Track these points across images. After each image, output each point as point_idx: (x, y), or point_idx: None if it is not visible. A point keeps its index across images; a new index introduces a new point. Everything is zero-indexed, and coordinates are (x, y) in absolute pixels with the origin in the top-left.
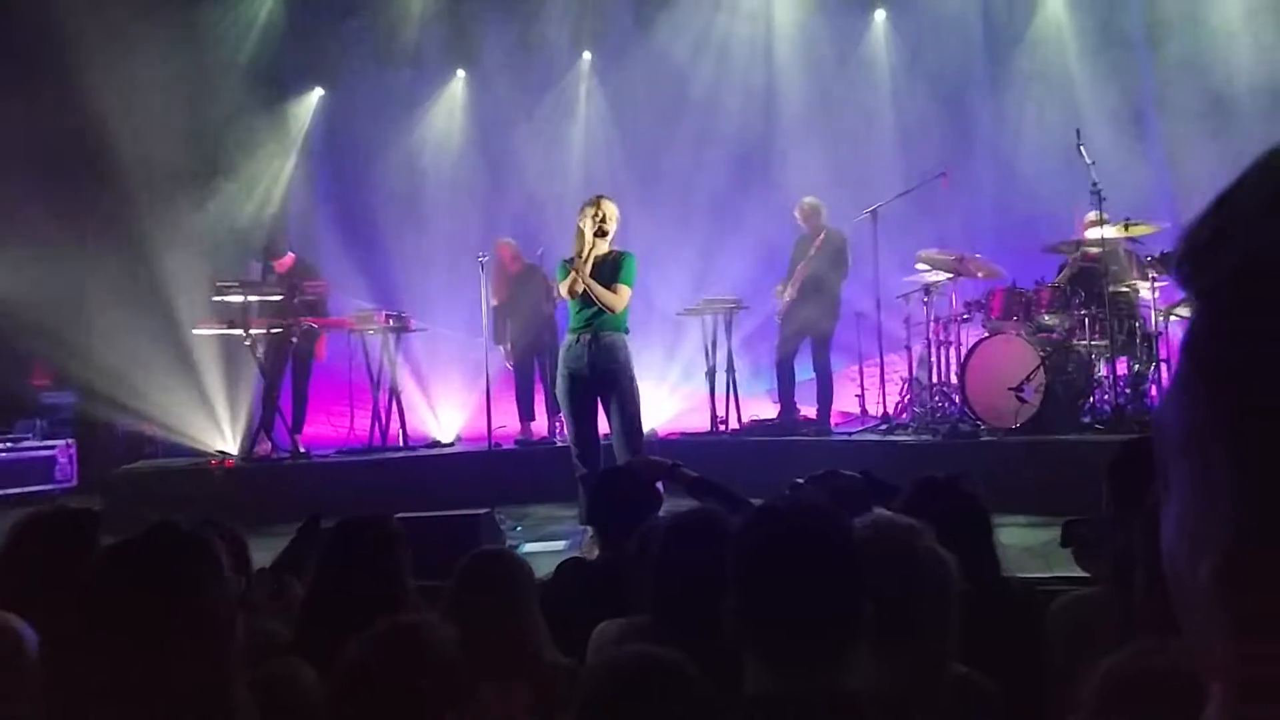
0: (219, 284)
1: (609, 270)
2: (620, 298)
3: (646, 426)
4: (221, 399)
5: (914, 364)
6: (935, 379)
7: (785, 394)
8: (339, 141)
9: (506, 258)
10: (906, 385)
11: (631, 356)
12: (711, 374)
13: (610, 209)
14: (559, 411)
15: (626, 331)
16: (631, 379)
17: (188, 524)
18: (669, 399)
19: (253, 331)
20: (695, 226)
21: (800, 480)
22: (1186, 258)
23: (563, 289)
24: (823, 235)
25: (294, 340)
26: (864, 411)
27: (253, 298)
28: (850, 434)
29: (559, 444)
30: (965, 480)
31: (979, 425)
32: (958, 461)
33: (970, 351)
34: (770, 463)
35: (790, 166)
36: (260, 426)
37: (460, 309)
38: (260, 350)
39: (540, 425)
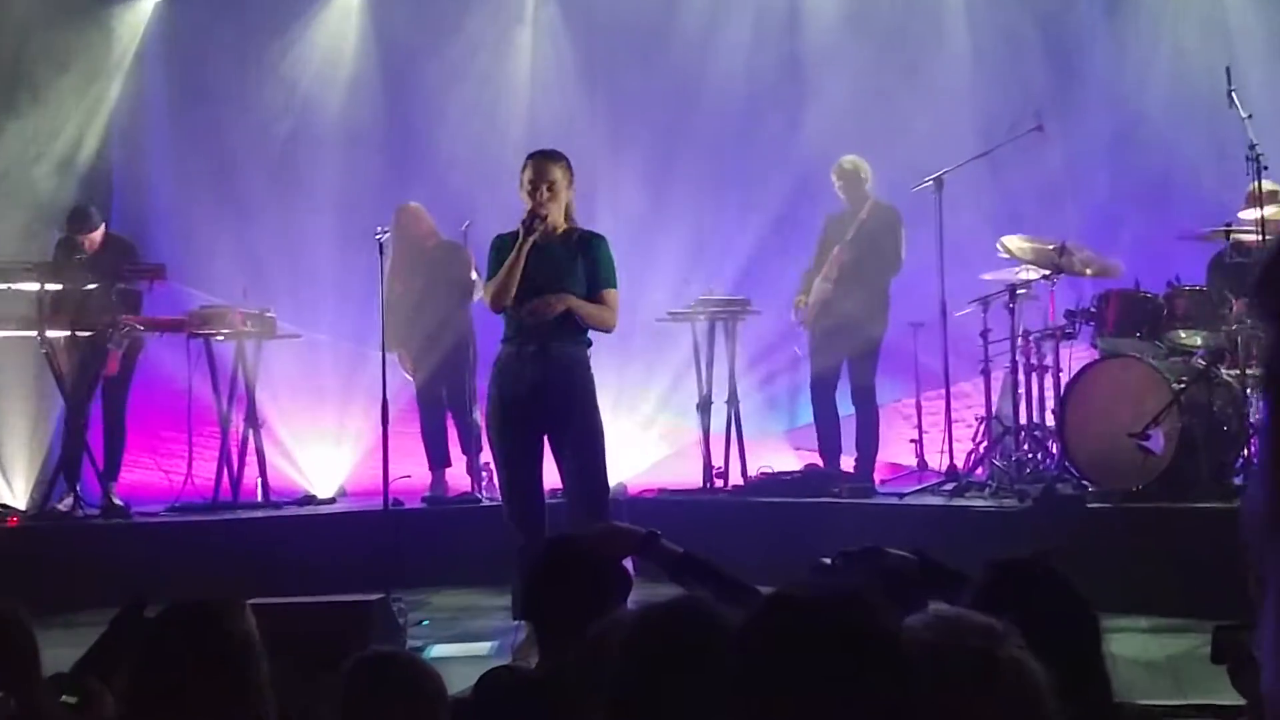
0: (2, 266)
1: (572, 260)
2: (611, 311)
3: (613, 479)
4: (3, 430)
5: (993, 397)
6: (1024, 419)
7: (827, 436)
8: (183, 68)
9: (417, 230)
10: (983, 427)
11: (594, 378)
12: (706, 406)
13: (551, 170)
14: (483, 453)
15: (588, 343)
16: (593, 410)
17: None
18: (644, 440)
19: (51, 335)
20: (685, 198)
21: (828, 560)
22: (1261, 285)
23: (485, 293)
24: (867, 209)
25: (110, 348)
26: (922, 463)
27: (52, 286)
28: (902, 495)
29: (486, 502)
30: (1062, 563)
31: (1085, 485)
32: (1053, 537)
33: (1074, 381)
34: (788, 535)
35: (819, 114)
36: (60, 470)
37: (348, 306)
38: (62, 362)
39: (459, 474)
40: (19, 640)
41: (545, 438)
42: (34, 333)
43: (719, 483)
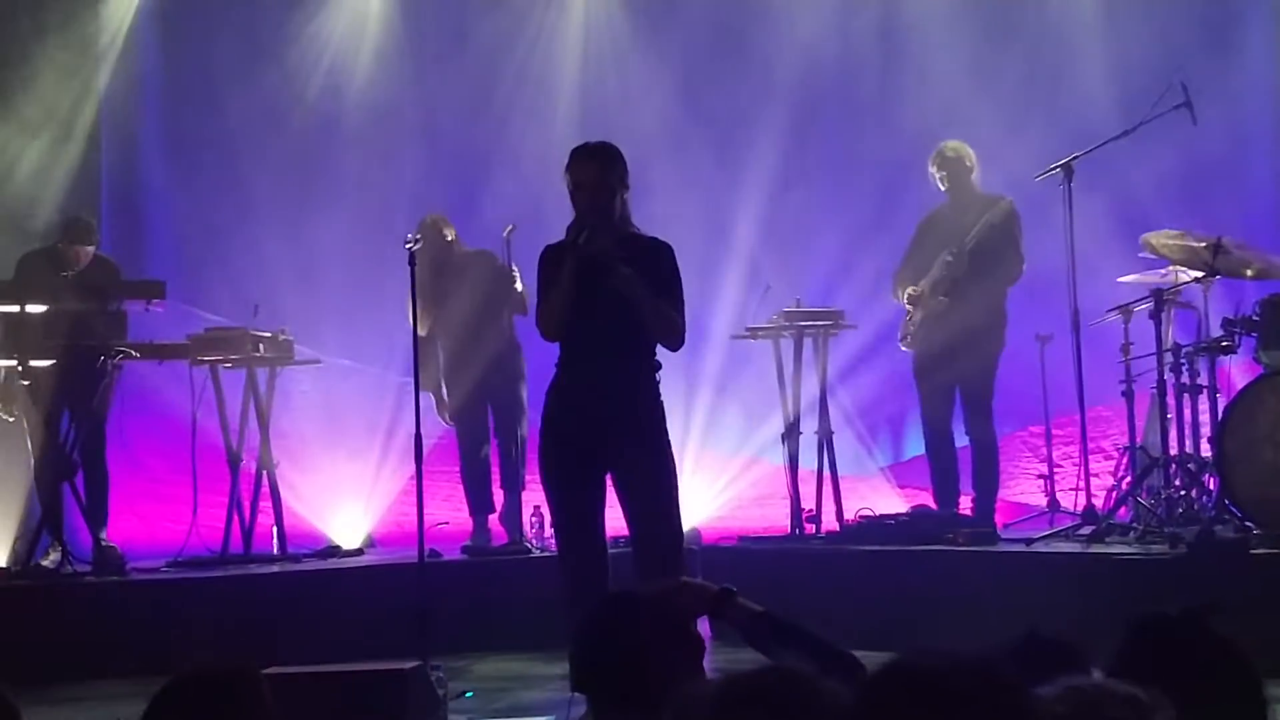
0: None
1: (641, 267)
2: (677, 322)
3: (685, 525)
4: None
5: (1138, 423)
6: (1174, 449)
7: (940, 472)
8: (181, 52)
9: (438, 244)
10: (1125, 459)
11: (663, 406)
12: (793, 437)
13: (588, 169)
14: (518, 492)
15: (657, 366)
16: (662, 443)
17: None
18: (720, 478)
19: (33, 364)
20: (765, 193)
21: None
22: None
23: (537, 319)
24: (977, 204)
25: (103, 378)
26: (1053, 503)
27: (34, 308)
28: (1030, 541)
29: (536, 553)
30: (1221, 621)
31: (1248, 527)
32: (1209, 592)
33: (1234, 403)
34: (893, 590)
35: (921, 94)
36: (44, 520)
37: (376, 327)
38: (44, 394)
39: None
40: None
41: (607, 476)
42: (11, 361)
43: (810, 528)
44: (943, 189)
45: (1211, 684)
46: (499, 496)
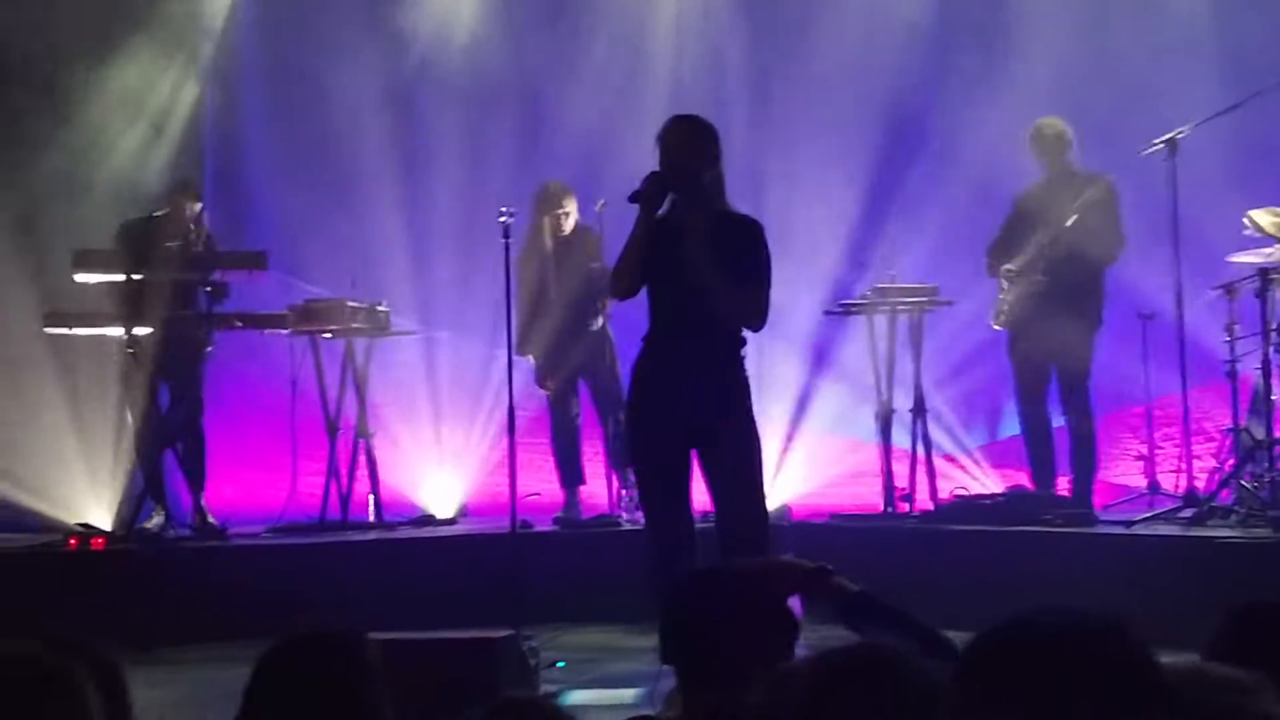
0: (83, 252)
1: (728, 245)
2: (762, 308)
3: (775, 501)
4: (84, 440)
5: (1241, 404)
6: (1278, 431)
7: (1037, 452)
8: (282, 28)
9: (553, 213)
10: (1228, 441)
11: (749, 382)
12: (887, 415)
13: (674, 138)
14: (627, 470)
15: (742, 341)
16: (747, 419)
17: (31, 647)
18: (811, 456)
19: (139, 332)
20: (860, 163)
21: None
22: None
23: (614, 274)
24: (1075, 183)
25: (207, 349)
26: (1153, 485)
27: (139, 276)
28: (1129, 523)
29: (627, 525)
30: None
31: None
32: None
33: None
34: (988, 571)
35: (1021, 63)
36: (148, 486)
37: (471, 299)
38: (147, 362)
39: (597, 492)
40: (110, 688)
41: (693, 451)
42: (120, 330)
43: (904, 507)
44: (1040, 166)
45: None
46: (592, 472)
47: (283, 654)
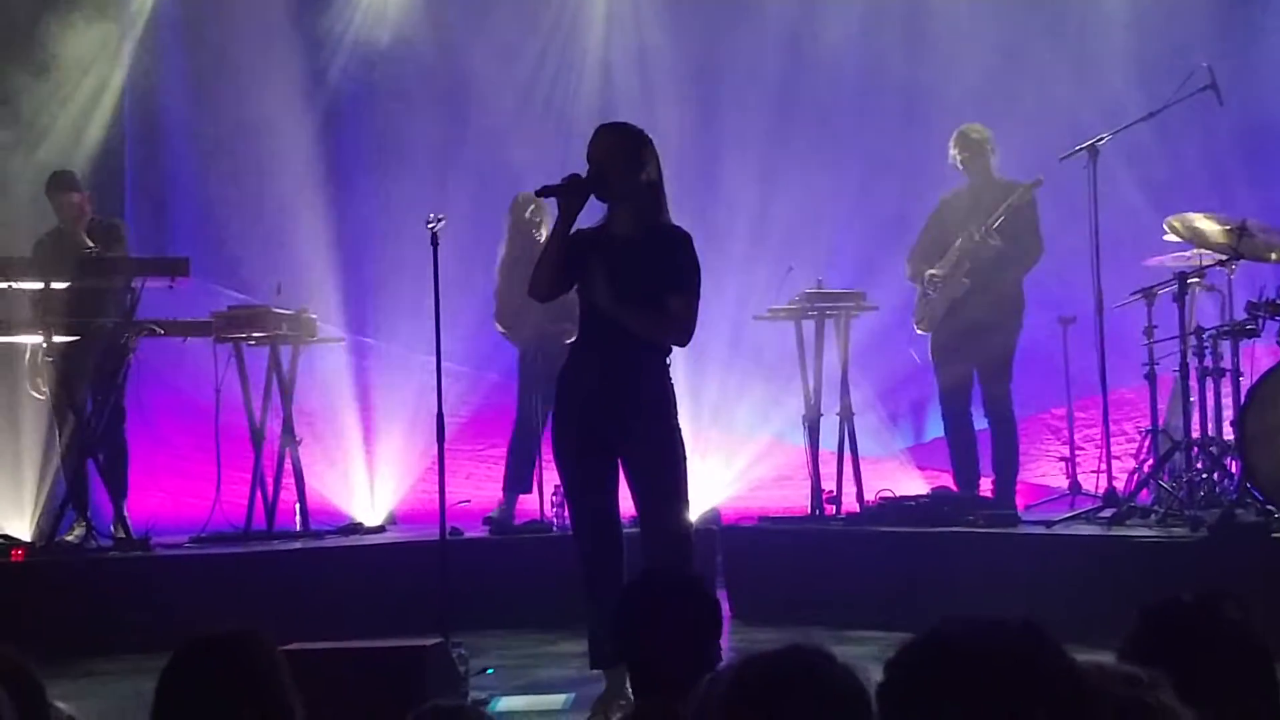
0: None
1: (656, 256)
2: (673, 321)
3: (705, 504)
4: (2, 451)
5: (1160, 405)
6: (1196, 431)
7: (960, 453)
8: (204, 29)
9: (525, 220)
10: (1147, 442)
11: (673, 390)
12: (814, 419)
13: (597, 147)
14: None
15: (667, 350)
16: (669, 426)
17: None
18: (741, 459)
19: (58, 340)
20: (789, 173)
21: None
22: None
23: (535, 288)
24: (995, 189)
25: (125, 355)
26: (1074, 485)
27: (58, 285)
28: (1051, 523)
29: (557, 532)
30: (1234, 606)
31: (1270, 511)
32: (1230, 575)
33: (1258, 386)
34: (913, 571)
35: (948, 78)
36: (69, 496)
37: (399, 305)
38: (68, 371)
39: (529, 499)
40: (27, 694)
41: (618, 459)
42: (37, 338)
43: (830, 509)
44: (961, 170)
45: (1224, 670)
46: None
47: (184, 660)
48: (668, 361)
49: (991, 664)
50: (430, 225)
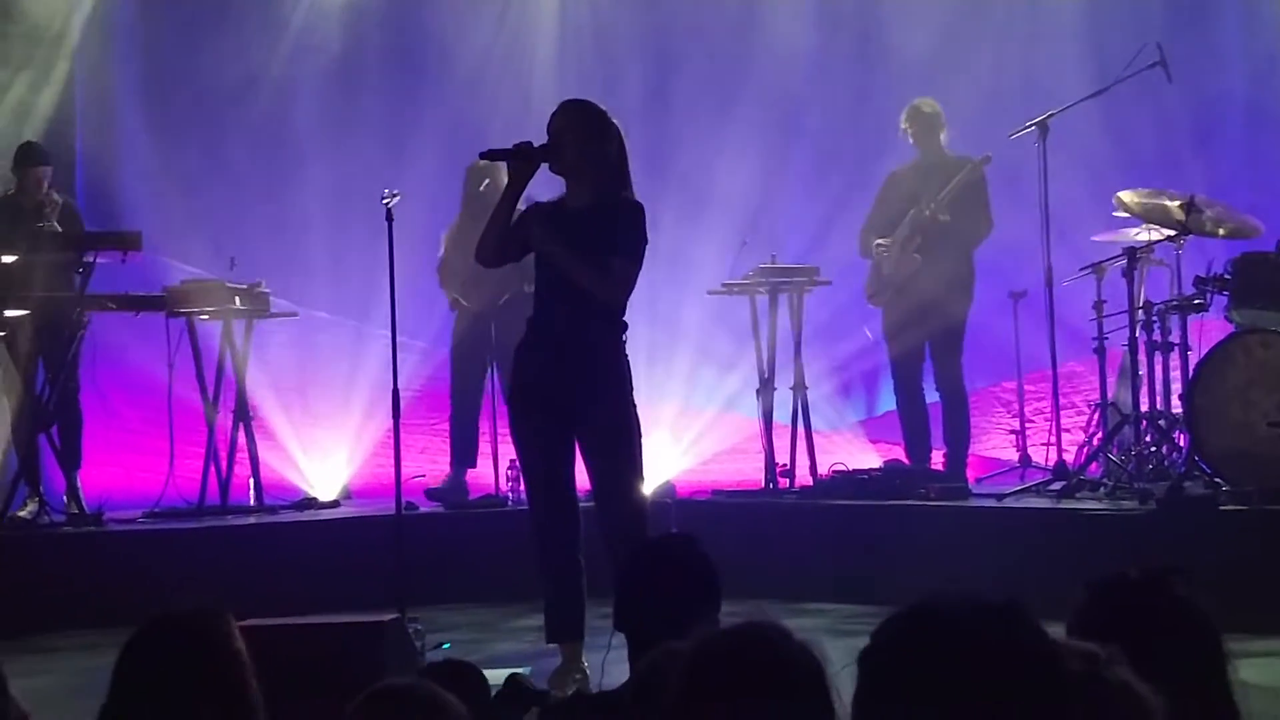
0: None
1: (603, 226)
2: (621, 279)
3: (659, 478)
4: None
5: (1109, 379)
6: (1145, 405)
7: (912, 427)
8: (156, 8)
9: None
10: (1096, 415)
11: (629, 366)
12: (768, 392)
13: (556, 122)
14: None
15: (623, 326)
16: (623, 400)
17: None
18: (695, 433)
19: (10, 314)
20: (743, 149)
21: None
22: None
23: (481, 252)
24: (945, 164)
25: (78, 329)
26: (1025, 459)
27: (8, 258)
28: (1001, 496)
29: (511, 505)
30: (1182, 580)
31: (1217, 484)
32: (1178, 548)
33: (1205, 361)
34: (865, 544)
35: (900, 53)
36: (21, 471)
37: (352, 279)
38: (19, 345)
39: (484, 473)
40: None
41: (573, 435)
42: None
43: (784, 482)
44: (912, 143)
45: (1171, 645)
46: (488, 456)
47: (143, 638)
48: (624, 337)
49: (974, 640)
50: (385, 201)
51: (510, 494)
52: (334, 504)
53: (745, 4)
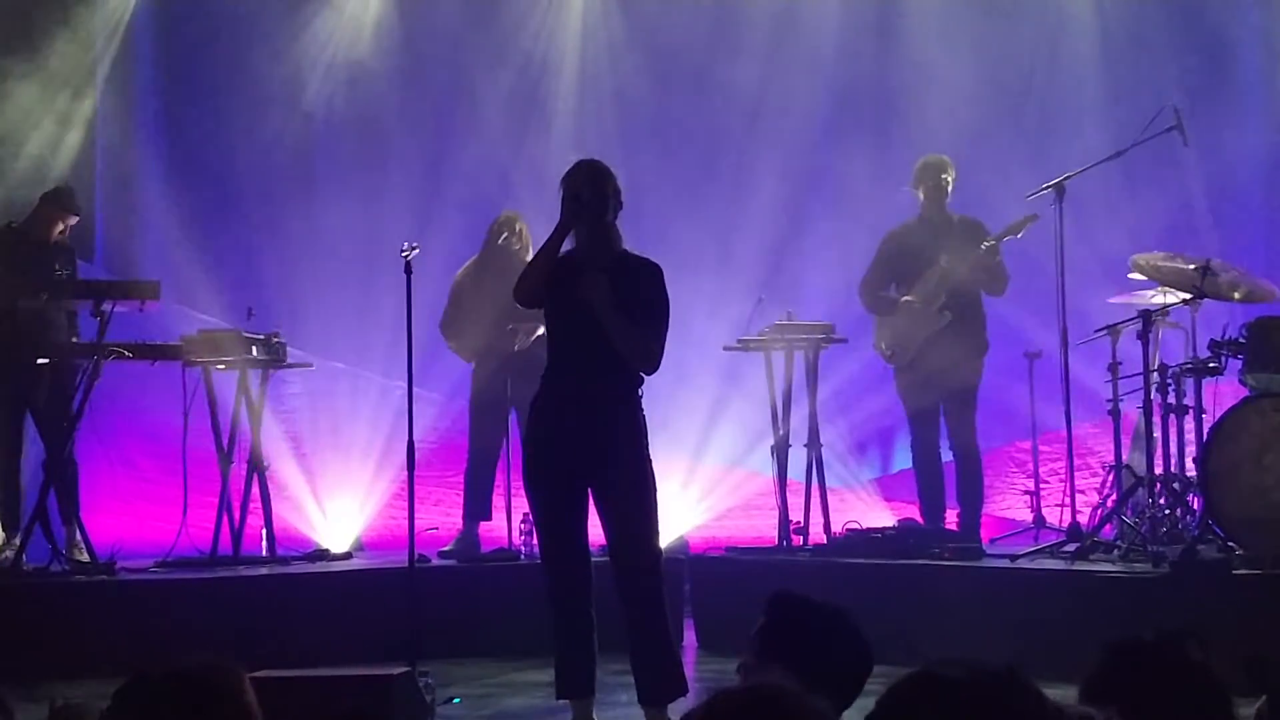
0: None
1: (627, 285)
2: (653, 345)
3: (673, 534)
4: None
5: (1124, 442)
6: (1159, 468)
7: (927, 486)
8: (177, 53)
9: (507, 241)
10: (1111, 477)
11: (645, 422)
12: (782, 449)
13: (584, 183)
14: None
15: (639, 381)
16: (640, 455)
17: None
18: (710, 489)
19: (40, 362)
20: (760, 207)
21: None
22: None
23: (519, 284)
24: (952, 223)
25: (78, 379)
26: (1039, 519)
27: (27, 304)
28: (1015, 557)
29: (525, 560)
30: (1196, 644)
31: (1231, 548)
32: (1192, 611)
33: (1220, 424)
34: (879, 603)
35: (918, 115)
36: (34, 518)
37: (370, 331)
38: (29, 393)
39: (497, 525)
40: None
41: (588, 489)
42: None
43: (797, 540)
44: (921, 200)
45: (1184, 708)
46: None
47: (152, 695)
48: (640, 392)
49: (974, 706)
50: (404, 253)
51: (523, 548)
52: (347, 556)
53: (764, 61)
